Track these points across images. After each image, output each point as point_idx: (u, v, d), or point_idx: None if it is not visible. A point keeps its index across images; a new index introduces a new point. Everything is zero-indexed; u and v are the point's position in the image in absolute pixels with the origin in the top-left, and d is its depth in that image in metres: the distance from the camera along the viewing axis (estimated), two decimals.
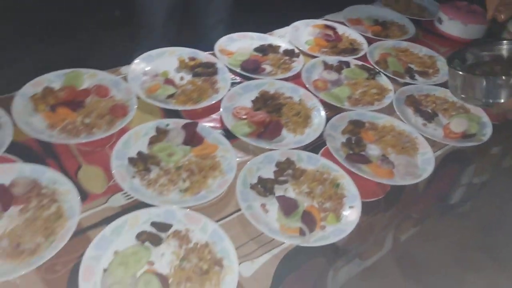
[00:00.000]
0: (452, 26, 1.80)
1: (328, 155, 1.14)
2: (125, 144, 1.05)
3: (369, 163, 1.14)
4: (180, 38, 2.04)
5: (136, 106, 1.15)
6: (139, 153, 1.05)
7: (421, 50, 1.67)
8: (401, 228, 1.35)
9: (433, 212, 1.46)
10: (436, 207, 1.46)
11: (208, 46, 1.44)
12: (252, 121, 1.18)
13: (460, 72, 1.14)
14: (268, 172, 1.07)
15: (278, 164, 1.09)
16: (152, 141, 1.08)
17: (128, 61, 1.30)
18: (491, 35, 1.80)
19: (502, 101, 1.09)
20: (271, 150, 1.11)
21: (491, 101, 1.11)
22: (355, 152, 1.16)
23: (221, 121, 1.19)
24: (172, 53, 1.38)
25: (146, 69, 1.30)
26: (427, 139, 1.24)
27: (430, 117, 1.34)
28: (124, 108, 1.14)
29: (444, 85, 1.49)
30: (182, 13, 1.99)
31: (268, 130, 1.17)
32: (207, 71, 1.33)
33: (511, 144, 1.51)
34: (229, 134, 1.15)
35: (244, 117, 1.20)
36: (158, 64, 1.33)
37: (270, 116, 1.21)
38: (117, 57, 1.43)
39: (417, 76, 1.54)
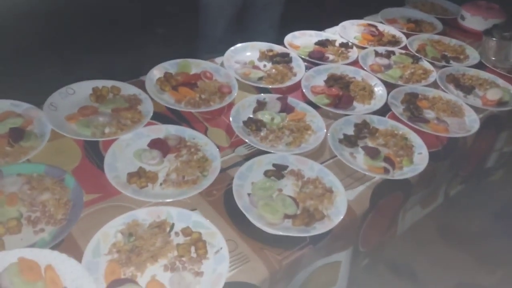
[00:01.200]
0: (474, 21, 2.10)
1: (394, 118, 1.42)
2: (237, 112, 1.33)
3: (427, 123, 1.42)
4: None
5: (237, 85, 1.44)
6: (249, 118, 1.33)
7: (451, 41, 1.97)
8: (451, 185, 1.61)
9: (475, 174, 1.72)
10: (477, 169, 1.72)
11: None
12: (328, 94, 1.46)
13: (494, 39, 1.57)
14: (349, 131, 1.35)
15: (356, 125, 1.37)
16: (256, 110, 1.37)
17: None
18: None
19: None
20: (348, 115, 1.39)
21: None
22: (415, 115, 1.44)
23: (303, 95, 1.48)
24: (253, 46, 1.68)
25: (236, 58, 1.60)
26: (470, 106, 1.52)
27: (469, 90, 1.62)
28: (229, 87, 1.43)
29: (476, 66, 1.78)
30: (238, 20, 2.30)
31: (342, 101, 1.45)
32: (284, 59, 1.62)
33: None
34: (312, 106, 1.43)
35: (321, 92, 1.49)
36: (245, 55, 1.63)
37: (342, 91, 1.50)
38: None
39: (451, 61, 1.82)
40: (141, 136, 1.19)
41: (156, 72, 1.43)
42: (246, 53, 1.65)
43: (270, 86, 1.48)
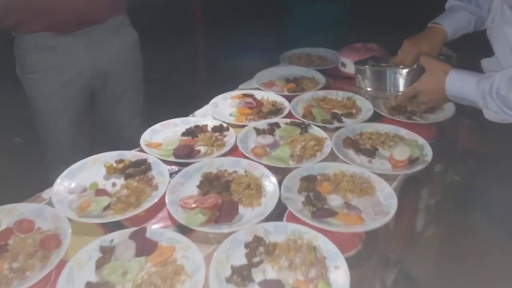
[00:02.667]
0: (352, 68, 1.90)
1: (294, 219, 1.07)
2: (69, 279, 0.89)
3: (336, 215, 1.08)
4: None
5: (70, 231, 1.00)
6: (88, 285, 0.88)
7: (338, 95, 1.73)
8: (385, 274, 1.28)
9: (407, 245, 1.42)
10: (408, 241, 1.43)
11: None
12: (204, 207, 1.08)
13: (367, 66, 1.42)
14: (240, 258, 0.97)
15: (247, 245, 0.99)
16: (100, 264, 0.93)
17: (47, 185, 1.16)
18: None
19: (401, 89, 1.34)
20: (234, 232, 1.01)
21: (392, 89, 1.37)
22: (319, 208, 1.10)
23: (170, 217, 1.08)
24: (95, 161, 1.26)
25: (72, 186, 1.16)
26: (379, 175, 1.23)
27: (371, 153, 1.35)
28: (56, 237, 0.98)
29: (372, 119, 1.54)
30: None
31: (223, 212, 1.08)
32: (139, 169, 1.22)
33: (449, 159, 1.56)
34: (183, 229, 1.03)
35: (194, 205, 1.10)
36: (83, 177, 1.20)
37: (221, 197, 1.12)
38: (34, 183, 1.27)
39: (344, 119, 1.56)
40: None
41: None
42: (86, 173, 1.22)
43: (121, 218, 1.07)
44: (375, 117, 1.56)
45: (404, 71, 1.33)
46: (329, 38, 2.49)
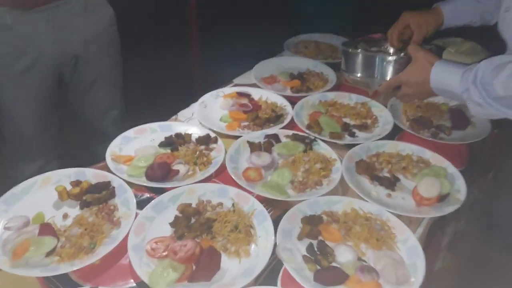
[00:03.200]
0: None
1: (291, 282, 0.82)
2: None
3: (346, 280, 0.84)
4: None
5: None
6: None
7: (351, 98, 1.45)
8: None
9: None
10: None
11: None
12: (177, 259, 0.83)
13: (353, 50, 1.26)
14: None
15: None
16: None
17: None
18: None
19: (387, 78, 1.22)
20: None
21: (378, 77, 1.23)
22: (324, 267, 0.86)
23: (132, 270, 0.83)
24: (46, 181, 1.00)
25: (9, 218, 0.91)
26: (400, 217, 0.98)
27: (391, 184, 1.10)
28: None
29: (390, 135, 1.28)
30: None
31: (201, 267, 0.83)
32: (100, 196, 0.96)
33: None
34: None
35: (165, 253, 0.85)
36: (27, 204, 0.95)
37: (200, 244, 0.88)
38: None
39: (357, 132, 1.30)
40: None
41: None
42: (32, 198, 0.97)
43: (68, 269, 0.82)
44: (394, 131, 1.30)
45: (391, 58, 1.21)
46: (343, 22, 2.19)
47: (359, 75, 1.27)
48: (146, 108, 1.50)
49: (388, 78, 1.22)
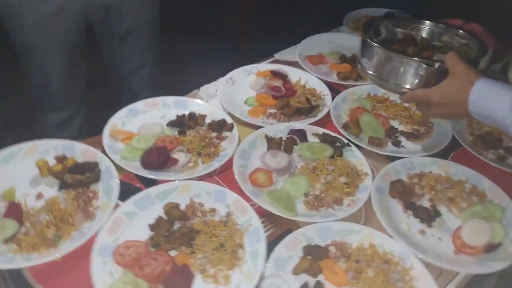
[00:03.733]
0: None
1: None
2: None
3: None
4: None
5: None
6: None
7: None
8: None
9: None
10: None
11: None
12: (141, 276, 0.71)
13: (379, 48, 0.91)
14: None
15: None
16: None
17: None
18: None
19: (409, 86, 0.89)
20: None
21: (399, 83, 0.90)
22: None
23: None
24: (31, 151, 0.91)
25: None
26: (428, 265, 0.78)
27: (429, 217, 0.88)
28: None
29: (444, 152, 1.04)
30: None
31: None
32: (83, 178, 0.85)
33: None
34: None
35: (132, 263, 0.73)
36: (4, 175, 0.86)
37: (173, 259, 0.74)
38: None
39: (404, 141, 1.08)
40: None
41: None
42: (11, 169, 0.88)
43: (24, 264, 0.72)
44: (450, 147, 1.06)
45: (424, 66, 0.87)
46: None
47: (370, 72, 0.95)
48: (181, 70, 1.35)
49: (407, 85, 0.89)
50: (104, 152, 0.92)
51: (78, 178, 0.85)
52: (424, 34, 1.05)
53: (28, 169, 0.87)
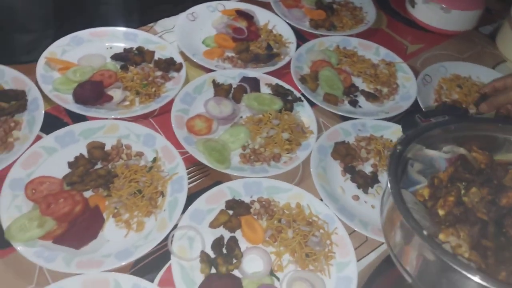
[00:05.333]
0: (427, 12, 1.25)
1: (169, 282, 0.66)
2: None
3: None
4: None
5: None
6: None
7: (378, 53, 1.14)
8: None
9: None
10: None
11: None
12: (47, 213, 0.68)
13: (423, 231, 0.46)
14: None
15: None
16: None
17: None
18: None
19: None
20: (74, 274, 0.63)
21: None
22: (220, 273, 0.68)
23: None
24: None
25: None
26: (353, 232, 0.76)
27: (366, 183, 0.85)
28: None
29: (399, 119, 0.99)
30: None
31: (74, 230, 0.68)
32: (7, 107, 0.81)
33: None
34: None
35: (42, 202, 0.71)
36: None
37: (86, 200, 0.72)
38: None
39: (362, 101, 1.02)
40: None
41: None
42: None
43: None
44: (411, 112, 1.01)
45: None
46: None
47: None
48: None
49: None
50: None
51: (1, 105, 0.81)
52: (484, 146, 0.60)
53: None
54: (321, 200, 0.79)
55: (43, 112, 0.81)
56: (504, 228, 0.49)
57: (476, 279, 0.41)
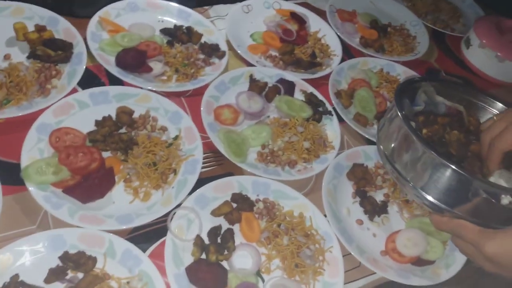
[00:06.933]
0: (481, 57, 1.23)
1: (160, 256, 0.68)
2: None
3: None
4: None
5: None
6: None
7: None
8: None
9: None
10: None
11: None
12: (64, 163, 0.72)
13: (411, 134, 0.62)
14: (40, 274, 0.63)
15: (64, 257, 0.65)
16: None
17: None
18: None
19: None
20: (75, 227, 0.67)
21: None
22: (210, 260, 0.70)
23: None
24: (17, 12, 0.90)
25: None
26: (348, 255, 0.76)
27: (374, 211, 0.84)
28: None
29: None
30: None
31: (85, 185, 0.71)
32: (53, 55, 0.85)
33: None
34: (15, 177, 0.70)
35: (63, 151, 0.74)
36: None
37: (103, 160, 0.75)
38: None
39: None
40: None
41: None
42: None
43: None
44: None
45: (477, 185, 0.57)
46: None
47: (388, 154, 0.69)
48: None
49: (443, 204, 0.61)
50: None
51: (48, 52, 0.85)
52: (477, 112, 0.75)
53: (8, 28, 0.87)
54: (325, 216, 0.79)
55: (84, 67, 0.85)
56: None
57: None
